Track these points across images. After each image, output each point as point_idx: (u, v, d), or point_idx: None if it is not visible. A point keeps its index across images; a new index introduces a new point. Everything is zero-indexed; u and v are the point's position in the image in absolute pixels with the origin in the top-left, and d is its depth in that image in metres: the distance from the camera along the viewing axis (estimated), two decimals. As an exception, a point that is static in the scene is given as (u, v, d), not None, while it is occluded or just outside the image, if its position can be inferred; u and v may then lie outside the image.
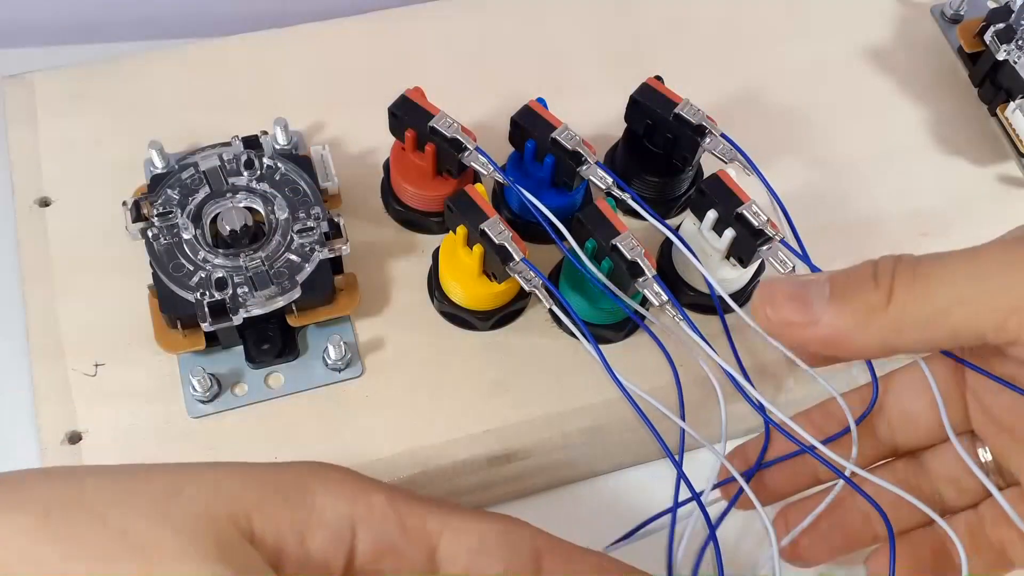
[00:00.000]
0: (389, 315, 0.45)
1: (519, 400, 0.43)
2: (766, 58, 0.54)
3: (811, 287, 0.31)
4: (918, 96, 0.53)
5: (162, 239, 0.42)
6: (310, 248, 0.42)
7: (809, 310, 0.31)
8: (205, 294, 0.41)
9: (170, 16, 0.58)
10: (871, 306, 0.30)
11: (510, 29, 0.54)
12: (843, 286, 0.31)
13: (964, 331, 0.30)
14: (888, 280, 0.30)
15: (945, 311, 0.30)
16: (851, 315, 0.30)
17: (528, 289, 0.40)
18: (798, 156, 0.51)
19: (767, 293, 0.32)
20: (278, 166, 0.44)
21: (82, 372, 0.43)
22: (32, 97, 0.49)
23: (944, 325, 0.30)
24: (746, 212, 0.40)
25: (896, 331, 0.30)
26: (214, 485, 0.30)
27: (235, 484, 0.30)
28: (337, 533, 0.30)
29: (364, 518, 0.31)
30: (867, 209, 0.50)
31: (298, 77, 0.51)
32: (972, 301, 0.29)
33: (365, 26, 0.53)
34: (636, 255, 0.40)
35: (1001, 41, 0.49)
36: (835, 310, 0.30)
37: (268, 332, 0.43)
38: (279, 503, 0.30)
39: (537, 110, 0.43)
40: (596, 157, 0.42)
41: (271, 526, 0.30)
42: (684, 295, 0.45)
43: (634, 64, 0.50)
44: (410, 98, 0.43)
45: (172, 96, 0.50)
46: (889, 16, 0.56)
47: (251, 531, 0.29)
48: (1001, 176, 0.51)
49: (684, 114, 0.43)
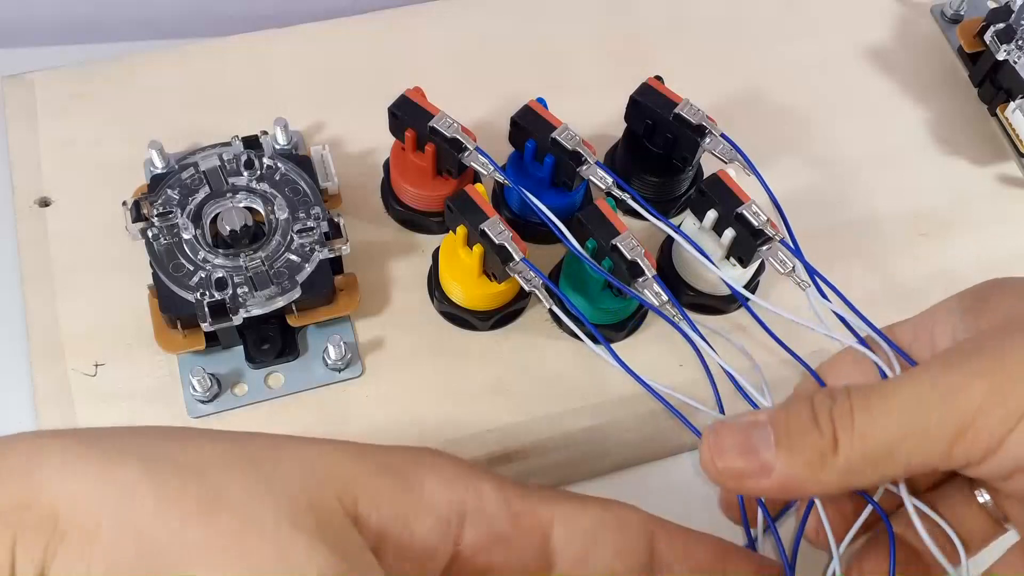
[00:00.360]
0: (389, 315, 0.45)
1: (519, 400, 0.43)
2: (766, 58, 0.54)
3: (754, 434, 0.30)
4: (918, 96, 0.53)
5: (162, 239, 0.42)
6: (310, 248, 0.42)
7: (758, 459, 0.30)
8: (205, 294, 0.41)
9: (170, 16, 0.58)
10: (820, 452, 0.29)
11: (510, 29, 0.54)
12: (787, 432, 0.30)
13: (915, 464, 0.30)
14: (829, 425, 0.30)
15: (889, 451, 0.29)
16: (802, 463, 0.30)
17: (528, 289, 0.40)
18: (798, 156, 0.51)
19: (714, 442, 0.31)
20: (278, 166, 0.44)
21: (82, 372, 0.43)
22: (32, 97, 0.49)
23: (894, 462, 0.29)
24: (746, 212, 0.40)
25: (850, 473, 0.30)
26: (320, 460, 0.29)
27: (342, 461, 0.29)
28: (445, 520, 0.30)
29: (474, 507, 0.30)
30: (867, 209, 0.50)
31: (298, 77, 0.51)
32: (912, 436, 0.29)
33: (365, 26, 0.53)
34: (636, 255, 0.40)
35: (1001, 41, 0.49)
36: (785, 459, 0.30)
37: (268, 332, 0.43)
38: (387, 485, 0.29)
39: (537, 110, 0.43)
40: (596, 157, 0.42)
41: (377, 509, 0.29)
42: (684, 295, 0.45)
43: (634, 64, 0.50)
44: (410, 98, 0.43)
45: (172, 96, 0.50)
46: (889, 16, 0.56)
47: (356, 512, 0.29)
48: (1001, 176, 0.51)
49: (684, 114, 0.43)
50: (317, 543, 0.27)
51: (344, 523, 0.28)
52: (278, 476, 0.28)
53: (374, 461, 0.30)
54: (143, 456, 0.28)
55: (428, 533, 0.30)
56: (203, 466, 0.28)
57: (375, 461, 0.30)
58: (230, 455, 0.29)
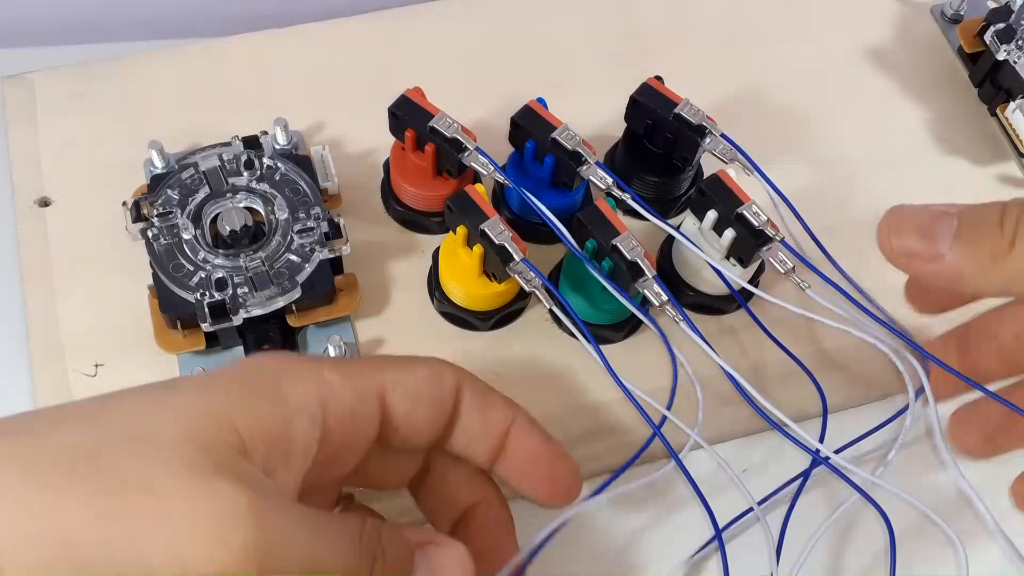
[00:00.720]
0: (389, 315, 0.45)
1: (519, 400, 0.43)
2: (766, 58, 0.54)
3: (939, 221, 0.31)
4: (918, 96, 0.53)
5: (162, 239, 0.42)
6: (310, 248, 0.42)
7: (934, 245, 0.31)
8: (205, 294, 0.41)
9: (170, 16, 0.58)
10: (995, 251, 0.31)
11: (510, 29, 0.54)
12: (971, 226, 0.31)
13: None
14: (1012, 227, 0.31)
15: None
16: (974, 258, 0.31)
17: (528, 289, 0.40)
18: (798, 156, 0.51)
19: (894, 220, 0.32)
20: (278, 166, 0.44)
21: (82, 372, 0.43)
22: (32, 97, 0.49)
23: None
24: (746, 212, 0.40)
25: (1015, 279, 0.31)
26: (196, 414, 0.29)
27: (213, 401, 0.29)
28: (311, 415, 0.31)
29: (328, 394, 0.31)
30: (867, 209, 0.49)
31: (298, 77, 0.51)
32: None
33: (365, 26, 0.53)
34: (636, 255, 0.40)
35: (1001, 41, 0.49)
36: (960, 249, 0.31)
37: (268, 332, 0.42)
38: (259, 405, 0.30)
39: (537, 110, 0.43)
40: (596, 157, 0.42)
41: (257, 431, 0.29)
42: (684, 295, 0.45)
43: (634, 64, 0.50)
44: (410, 98, 0.43)
45: (172, 96, 0.50)
46: (889, 16, 0.56)
47: (241, 443, 0.29)
48: (1001, 176, 0.51)
49: (684, 114, 0.43)
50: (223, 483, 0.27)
51: (238, 460, 0.28)
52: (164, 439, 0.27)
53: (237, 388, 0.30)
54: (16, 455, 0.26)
55: (303, 432, 0.30)
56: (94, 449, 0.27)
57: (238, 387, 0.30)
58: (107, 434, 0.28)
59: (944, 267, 0.31)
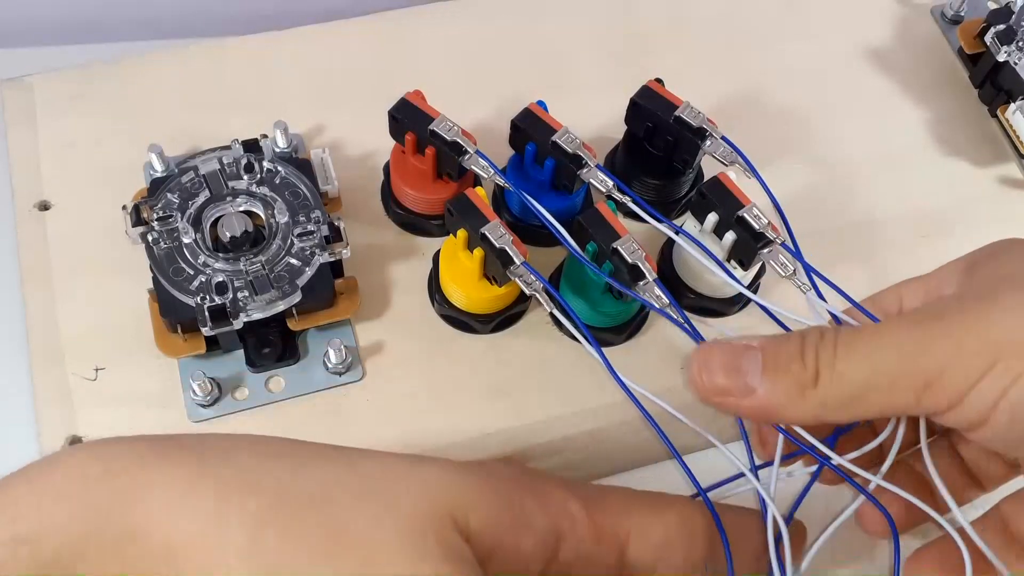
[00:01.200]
0: (390, 319, 0.45)
1: (520, 403, 0.43)
2: (766, 58, 0.54)
3: (744, 357, 0.32)
4: (918, 97, 0.53)
5: (162, 243, 0.42)
6: (310, 252, 0.42)
7: (743, 380, 0.32)
8: (205, 298, 0.41)
9: (170, 16, 0.58)
10: (801, 384, 0.31)
11: (510, 31, 0.53)
12: (774, 361, 0.31)
13: (887, 408, 0.31)
14: (813, 359, 0.31)
15: (862, 393, 0.31)
16: (783, 391, 0.31)
17: (529, 292, 0.40)
18: (798, 157, 0.51)
19: (702, 360, 0.32)
20: (278, 169, 0.44)
21: (82, 376, 0.43)
22: (31, 99, 0.49)
23: (866, 405, 0.31)
24: (747, 215, 0.40)
25: (825, 408, 0.31)
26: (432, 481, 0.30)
27: (454, 481, 0.30)
28: (544, 540, 0.31)
29: (568, 529, 0.32)
30: (867, 210, 0.50)
31: (298, 79, 0.51)
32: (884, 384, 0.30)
33: (365, 28, 0.53)
34: (637, 258, 0.40)
35: (1001, 42, 0.49)
36: (768, 385, 0.31)
37: (269, 336, 0.42)
38: (495, 503, 0.30)
39: (537, 113, 0.43)
40: (596, 160, 0.42)
41: (487, 528, 0.30)
42: (685, 298, 0.45)
43: (634, 65, 0.50)
44: (410, 101, 0.43)
45: (172, 98, 0.50)
46: (889, 16, 0.56)
47: (467, 529, 0.29)
48: (1001, 177, 0.51)
49: (685, 117, 0.43)
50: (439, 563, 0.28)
51: (458, 541, 0.29)
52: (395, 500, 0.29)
53: (480, 479, 0.31)
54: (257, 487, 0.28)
55: (531, 552, 0.31)
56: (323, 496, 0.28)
57: (481, 479, 0.31)
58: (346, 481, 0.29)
59: (756, 402, 0.31)
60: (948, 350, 0.30)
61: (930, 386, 0.30)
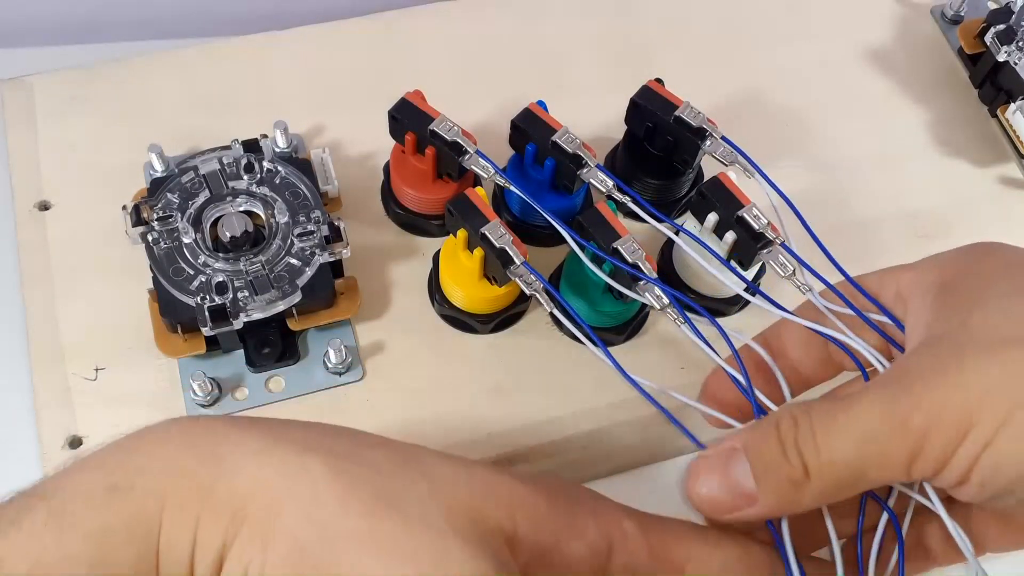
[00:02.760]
0: (390, 319, 0.45)
1: (520, 403, 0.43)
2: (766, 59, 0.54)
3: (733, 468, 0.31)
4: (918, 97, 0.53)
5: (162, 243, 0.42)
6: (310, 252, 0.42)
7: (742, 491, 0.31)
8: (205, 298, 0.41)
9: (170, 17, 0.58)
10: (794, 481, 0.31)
11: (510, 31, 0.53)
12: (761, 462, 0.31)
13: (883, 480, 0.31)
14: (797, 455, 0.31)
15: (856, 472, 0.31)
16: (780, 494, 0.31)
17: (529, 292, 0.40)
18: (798, 158, 0.51)
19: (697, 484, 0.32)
20: (278, 169, 0.44)
21: (82, 376, 0.43)
22: (31, 100, 0.49)
23: (864, 481, 0.31)
24: (746, 215, 0.40)
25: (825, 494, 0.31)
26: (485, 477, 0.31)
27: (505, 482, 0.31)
28: (595, 549, 0.32)
29: (619, 541, 0.32)
30: (867, 210, 0.50)
31: (298, 80, 0.51)
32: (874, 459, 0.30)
33: (365, 28, 0.53)
34: (637, 258, 0.40)
35: (1002, 42, 0.49)
36: (764, 491, 0.31)
37: (269, 336, 0.42)
38: (545, 509, 0.31)
39: (537, 113, 0.43)
40: (596, 160, 0.42)
41: (535, 530, 0.31)
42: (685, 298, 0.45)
43: (634, 65, 0.50)
44: (410, 101, 0.43)
45: (172, 98, 0.50)
46: (889, 16, 0.56)
47: (514, 532, 0.30)
48: (1001, 177, 0.51)
49: (685, 117, 0.43)
50: (477, 551, 0.29)
51: (501, 541, 0.30)
52: (447, 486, 0.30)
53: (533, 484, 0.32)
54: (325, 451, 0.30)
55: (580, 559, 0.31)
56: (380, 467, 0.30)
57: (534, 484, 0.32)
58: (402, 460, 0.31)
59: (761, 509, 0.31)
60: (925, 424, 0.30)
61: (916, 456, 0.30)
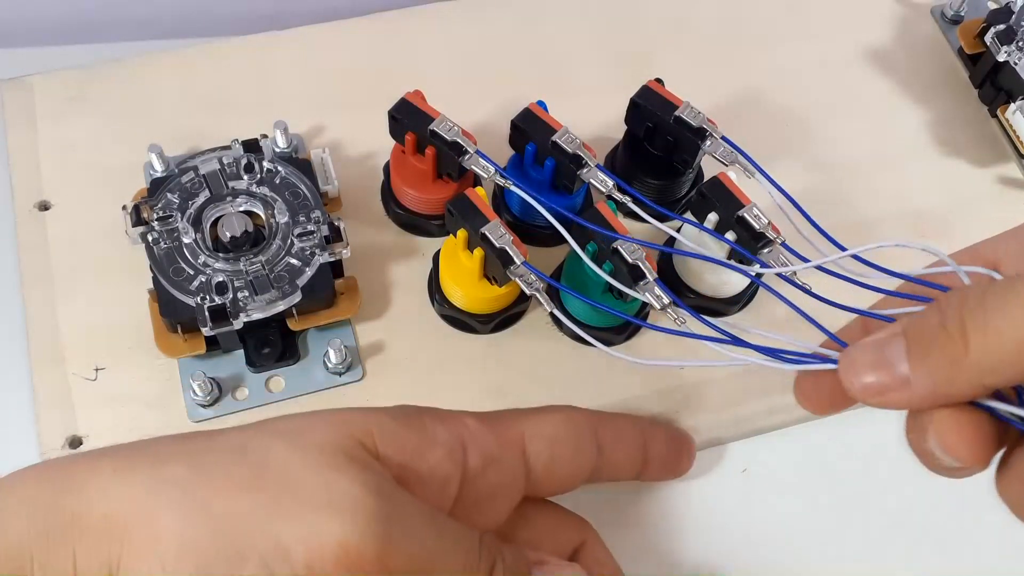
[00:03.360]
0: (390, 318, 0.45)
1: (520, 403, 0.43)
2: (766, 59, 0.54)
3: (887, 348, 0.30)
4: (918, 97, 0.53)
5: (162, 243, 0.42)
6: (310, 252, 0.42)
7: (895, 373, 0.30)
8: (205, 298, 0.41)
9: (170, 17, 0.57)
10: (953, 357, 0.29)
11: (510, 31, 0.53)
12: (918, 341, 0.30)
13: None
14: (957, 325, 0.29)
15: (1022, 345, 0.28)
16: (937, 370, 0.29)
17: (529, 292, 0.40)
18: (798, 157, 0.51)
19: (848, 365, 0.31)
20: (278, 169, 0.44)
21: (82, 376, 0.43)
22: (31, 100, 0.49)
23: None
24: (747, 215, 0.40)
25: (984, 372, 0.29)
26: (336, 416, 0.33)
27: (356, 414, 0.34)
28: (451, 451, 0.34)
29: (469, 436, 0.35)
30: (867, 210, 0.50)
31: (298, 79, 0.51)
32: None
33: (365, 28, 0.53)
34: (637, 258, 0.40)
35: (1002, 42, 0.49)
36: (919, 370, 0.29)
37: (269, 336, 0.42)
38: (398, 427, 0.34)
39: (537, 113, 0.43)
40: (596, 160, 0.42)
41: (394, 447, 0.33)
42: (685, 298, 0.45)
43: (634, 66, 0.50)
44: (410, 101, 0.43)
45: (172, 99, 0.50)
46: (889, 17, 0.56)
47: (376, 452, 0.33)
48: (1001, 177, 0.51)
49: (685, 117, 0.43)
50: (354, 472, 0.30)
51: (368, 457, 0.32)
52: (306, 436, 0.32)
53: (381, 410, 0.35)
54: (181, 453, 0.31)
55: (440, 463, 0.34)
56: (240, 446, 0.31)
57: (381, 410, 0.35)
58: (259, 433, 0.32)
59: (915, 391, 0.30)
60: None
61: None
